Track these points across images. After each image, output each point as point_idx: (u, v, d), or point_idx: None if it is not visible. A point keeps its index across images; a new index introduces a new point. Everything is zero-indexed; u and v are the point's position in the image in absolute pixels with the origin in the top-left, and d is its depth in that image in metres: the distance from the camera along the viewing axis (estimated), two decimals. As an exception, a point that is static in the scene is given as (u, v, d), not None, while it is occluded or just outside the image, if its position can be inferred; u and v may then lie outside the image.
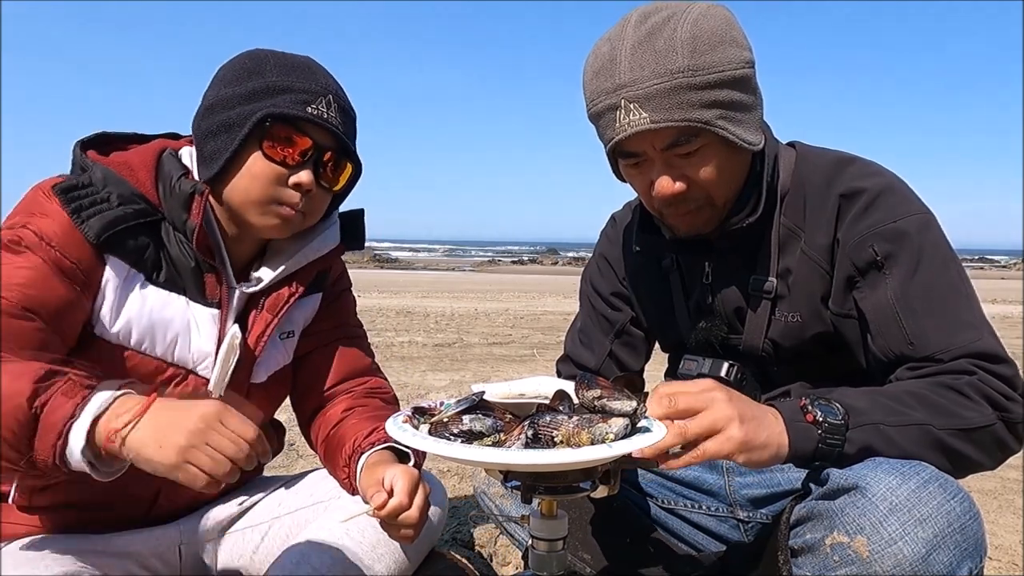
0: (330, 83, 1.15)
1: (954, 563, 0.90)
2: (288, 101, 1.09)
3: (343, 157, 1.18)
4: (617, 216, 1.51)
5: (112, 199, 1.08)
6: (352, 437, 1.23)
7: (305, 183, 1.12)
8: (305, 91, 1.11)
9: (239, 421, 0.90)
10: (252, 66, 1.12)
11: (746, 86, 1.12)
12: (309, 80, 1.12)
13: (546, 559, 0.96)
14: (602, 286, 1.49)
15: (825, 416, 1.00)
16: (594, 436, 0.83)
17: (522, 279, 21.58)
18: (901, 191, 1.17)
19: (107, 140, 1.18)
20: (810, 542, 0.99)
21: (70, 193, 1.06)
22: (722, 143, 1.11)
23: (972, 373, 1.05)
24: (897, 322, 1.10)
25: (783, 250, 1.22)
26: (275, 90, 1.10)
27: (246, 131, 1.09)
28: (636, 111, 1.08)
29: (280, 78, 1.11)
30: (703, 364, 1.28)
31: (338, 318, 1.37)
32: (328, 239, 1.27)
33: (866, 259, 1.13)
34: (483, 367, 5.42)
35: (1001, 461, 1.07)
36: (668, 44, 1.07)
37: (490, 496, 1.47)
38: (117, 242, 1.08)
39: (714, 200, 1.17)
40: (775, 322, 1.23)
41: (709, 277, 1.29)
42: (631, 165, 1.17)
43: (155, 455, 0.85)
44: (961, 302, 1.10)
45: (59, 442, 0.84)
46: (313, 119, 1.10)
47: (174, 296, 1.13)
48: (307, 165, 1.13)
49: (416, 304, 10.86)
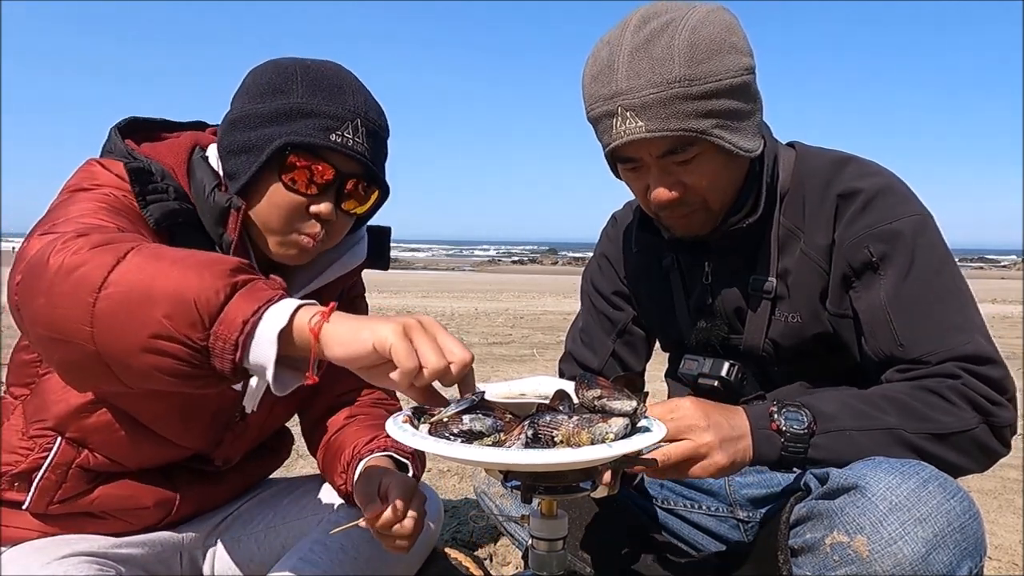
0: (359, 103, 1.08)
1: (954, 563, 0.90)
2: (311, 127, 1.04)
3: (368, 183, 1.12)
4: (618, 215, 1.51)
5: (171, 191, 1.05)
6: (352, 443, 1.22)
7: (324, 214, 1.07)
8: (331, 116, 1.05)
9: (453, 341, 0.80)
10: (279, 82, 1.06)
11: (744, 93, 1.11)
12: (336, 102, 1.06)
13: (546, 559, 0.96)
14: (603, 285, 1.49)
15: (789, 425, 1.04)
16: (594, 436, 0.83)
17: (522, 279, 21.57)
18: (899, 191, 1.17)
19: (137, 127, 1.15)
20: (810, 542, 0.99)
21: (140, 175, 1.03)
22: (718, 151, 1.11)
23: (957, 377, 1.05)
24: (888, 323, 1.11)
25: (783, 250, 1.22)
26: (299, 113, 1.04)
27: (264, 158, 1.04)
28: (632, 119, 1.08)
29: (306, 99, 1.05)
30: (703, 364, 1.29)
31: None
32: (356, 255, 1.24)
33: (862, 260, 1.14)
34: (483, 367, 5.42)
35: (988, 465, 1.08)
36: (666, 52, 1.06)
37: (490, 496, 1.47)
38: (178, 239, 1.05)
39: (709, 205, 1.17)
40: (775, 322, 1.23)
41: (709, 277, 1.29)
42: (629, 169, 1.17)
43: (360, 332, 0.76)
44: (953, 305, 1.11)
45: (254, 317, 0.74)
46: (336, 148, 1.05)
47: None
48: (328, 194, 1.08)
49: (416, 304, 10.85)
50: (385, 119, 1.14)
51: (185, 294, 0.73)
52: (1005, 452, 1.07)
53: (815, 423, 1.04)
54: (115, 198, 1.00)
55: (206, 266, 0.76)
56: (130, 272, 0.76)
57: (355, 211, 1.13)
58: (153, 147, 1.12)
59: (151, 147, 1.11)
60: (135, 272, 0.76)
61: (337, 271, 1.21)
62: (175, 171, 1.09)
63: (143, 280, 0.75)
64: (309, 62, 1.10)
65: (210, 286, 0.74)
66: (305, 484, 1.36)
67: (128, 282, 0.75)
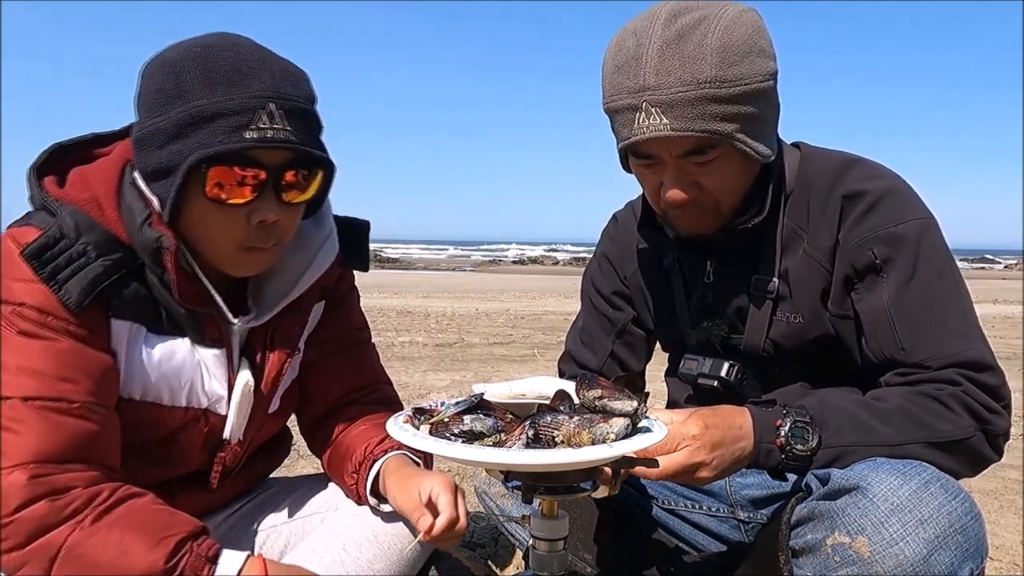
0: (266, 83, 0.95)
1: (955, 564, 0.90)
2: (221, 131, 0.92)
3: (306, 167, 1.01)
4: (619, 215, 1.51)
5: (89, 251, 0.96)
6: (363, 443, 1.20)
7: (269, 220, 0.98)
8: (238, 111, 0.92)
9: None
10: (171, 86, 0.94)
11: (768, 99, 1.11)
12: (240, 90, 0.93)
13: (547, 559, 0.95)
14: (603, 285, 1.49)
15: (793, 444, 1.04)
16: (595, 436, 0.83)
17: (523, 279, 21.58)
18: (904, 194, 1.17)
19: (64, 153, 1.04)
20: (811, 542, 0.98)
21: (43, 256, 0.94)
22: (738, 154, 1.11)
23: (957, 384, 1.06)
24: (890, 327, 1.11)
25: (785, 251, 1.22)
26: (202, 118, 0.92)
27: (180, 181, 0.94)
28: (657, 116, 1.06)
29: (206, 98, 0.92)
30: (704, 364, 1.28)
31: (343, 323, 1.29)
32: (326, 256, 1.15)
33: (865, 262, 1.14)
34: (484, 367, 5.42)
35: (977, 471, 1.09)
36: (698, 51, 1.04)
37: (490, 496, 1.47)
38: (110, 298, 0.98)
39: (720, 207, 1.17)
40: (776, 323, 1.23)
41: (711, 276, 1.29)
42: (644, 165, 1.16)
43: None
44: (955, 310, 1.11)
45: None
46: (255, 144, 0.93)
47: (178, 341, 1.05)
48: (265, 196, 0.97)
49: (417, 304, 10.86)
50: (306, 85, 1.01)
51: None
52: (997, 459, 1.08)
53: (819, 443, 1.04)
54: (38, 321, 0.94)
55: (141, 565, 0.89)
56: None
57: (300, 201, 1.03)
58: (83, 174, 1.02)
59: (80, 174, 1.02)
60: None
61: (309, 280, 1.13)
62: (105, 208, 0.99)
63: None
64: (198, 48, 0.96)
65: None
66: (306, 484, 1.35)
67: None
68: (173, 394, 1.07)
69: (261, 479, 1.37)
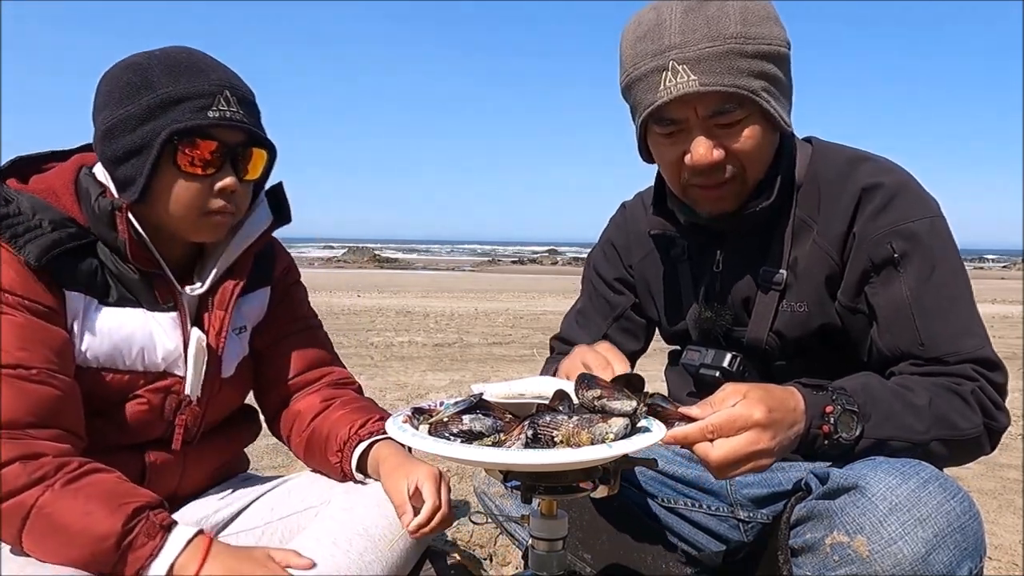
0: (220, 76, 1.13)
1: (954, 563, 0.90)
2: (188, 111, 1.08)
3: (255, 146, 1.17)
4: (628, 204, 1.50)
5: (45, 225, 1.08)
6: (348, 425, 1.26)
7: (230, 187, 1.12)
8: (201, 95, 1.09)
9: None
10: (138, 80, 1.09)
11: (787, 65, 1.14)
12: (200, 80, 1.10)
13: (546, 559, 0.96)
14: (606, 271, 1.49)
15: (839, 435, 1.01)
16: (594, 436, 0.83)
17: (522, 279, 21.59)
18: (917, 190, 1.18)
19: (26, 163, 1.17)
20: (810, 542, 0.99)
21: (3, 222, 1.05)
22: (763, 117, 1.11)
23: (975, 380, 1.08)
24: (911, 321, 1.12)
25: (795, 241, 1.22)
26: (171, 101, 1.08)
27: (155, 153, 1.07)
28: (685, 73, 1.07)
29: (171, 87, 1.08)
30: (706, 354, 1.28)
31: (291, 311, 1.38)
32: (257, 222, 1.26)
33: (883, 255, 1.14)
34: (483, 367, 5.43)
35: (969, 462, 1.12)
36: (720, 11, 1.08)
37: (490, 496, 1.47)
38: (64, 271, 1.08)
39: (746, 174, 1.16)
40: (781, 313, 1.23)
41: (720, 265, 1.29)
42: (665, 134, 1.15)
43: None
44: (968, 308, 1.13)
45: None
46: (217, 123, 1.09)
47: (129, 311, 1.15)
48: (226, 168, 1.12)
49: (416, 304, 10.86)
50: (247, 83, 1.18)
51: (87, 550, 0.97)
52: (990, 453, 1.11)
53: (862, 433, 1.02)
54: (15, 303, 1.04)
55: (99, 528, 0.96)
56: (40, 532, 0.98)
57: (252, 177, 1.18)
58: (42, 177, 1.15)
59: (40, 178, 1.15)
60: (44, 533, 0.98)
61: (242, 244, 1.24)
62: (61, 196, 1.12)
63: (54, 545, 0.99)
64: (158, 52, 1.13)
65: (98, 552, 0.96)
66: (299, 479, 1.36)
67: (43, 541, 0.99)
68: (126, 360, 1.15)
69: (234, 453, 1.39)
